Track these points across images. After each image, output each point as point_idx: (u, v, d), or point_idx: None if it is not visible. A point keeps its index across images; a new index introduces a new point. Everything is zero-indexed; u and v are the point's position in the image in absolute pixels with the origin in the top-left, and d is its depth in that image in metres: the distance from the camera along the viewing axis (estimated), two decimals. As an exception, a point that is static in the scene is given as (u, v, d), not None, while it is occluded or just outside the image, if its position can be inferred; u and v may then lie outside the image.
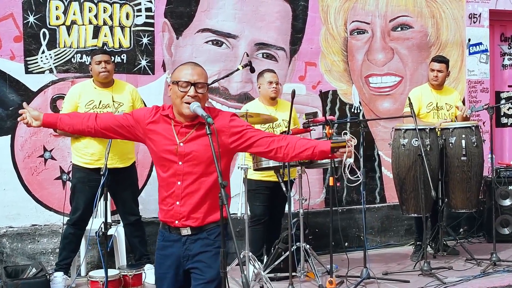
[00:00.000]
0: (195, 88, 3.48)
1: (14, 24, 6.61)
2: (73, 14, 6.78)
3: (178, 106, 3.52)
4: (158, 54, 7.08)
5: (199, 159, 3.49)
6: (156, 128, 3.58)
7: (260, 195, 6.41)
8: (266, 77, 6.45)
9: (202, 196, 3.50)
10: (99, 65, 5.97)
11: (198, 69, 3.57)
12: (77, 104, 5.94)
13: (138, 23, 7.00)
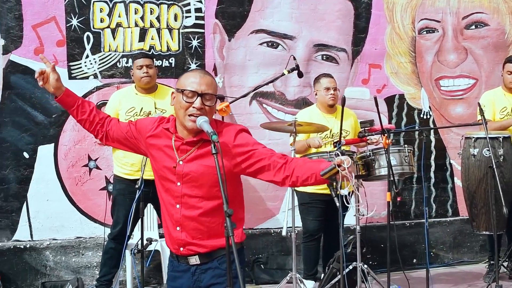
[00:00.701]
0: (201, 99, 3.05)
1: (56, 28, 6.34)
2: (118, 16, 6.44)
3: (180, 118, 3.10)
4: (208, 57, 6.66)
5: (199, 180, 3.08)
6: (157, 143, 3.20)
7: (313, 209, 5.92)
8: (323, 82, 5.93)
9: (204, 221, 3.09)
10: (140, 70, 5.58)
11: (207, 78, 3.12)
12: (117, 111, 5.56)
13: (187, 25, 6.60)
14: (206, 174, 3.05)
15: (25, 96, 6.32)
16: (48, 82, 3.28)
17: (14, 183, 6.32)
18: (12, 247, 6.31)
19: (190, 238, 3.10)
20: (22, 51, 6.30)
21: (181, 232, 3.12)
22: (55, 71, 3.29)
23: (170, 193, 3.15)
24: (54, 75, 3.27)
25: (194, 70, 3.24)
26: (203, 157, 3.08)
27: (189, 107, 3.05)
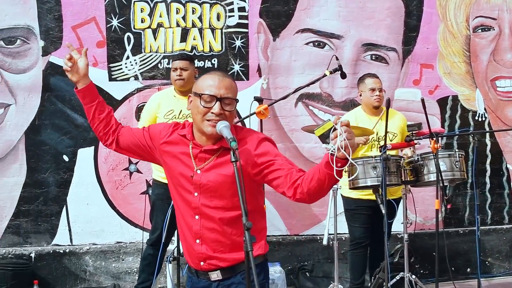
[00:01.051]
0: (221, 104, 2.83)
1: (96, 29, 6.21)
2: (160, 16, 6.27)
3: (198, 123, 2.89)
4: (252, 57, 6.43)
5: (218, 191, 2.86)
6: (172, 150, 2.99)
7: (359, 216, 5.63)
8: (368, 83, 5.63)
9: (225, 233, 2.88)
10: (175, 72, 5.36)
11: (227, 81, 2.88)
12: (155, 114, 5.35)
13: (230, 24, 6.38)
14: (226, 184, 2.83)
15: (65, 98, 6.21)
16: (75, 69, 3.09)
17: (53, 186, 6.22)
18: (51, 251, 6.20)
19: (211, 251, 2.88)
20: (61, 52, 6.17)
21: (201, 245, 2.90)
22: (86, 56, 3.12)
23: (187, 203, 2.94)
24: (85, 59, 3.11)
25: (213, 72, 2.98)
26: (222, 166, 2.85)
27: (207, 112, 2.84)
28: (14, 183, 6.20)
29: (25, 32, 6.19)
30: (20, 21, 6.17)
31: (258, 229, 2.87)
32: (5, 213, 6.20)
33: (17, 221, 6.22)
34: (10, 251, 6.15)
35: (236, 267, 2.88)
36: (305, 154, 6.53)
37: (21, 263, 6.05)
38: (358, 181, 5.14)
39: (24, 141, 6.20)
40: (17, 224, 6.22)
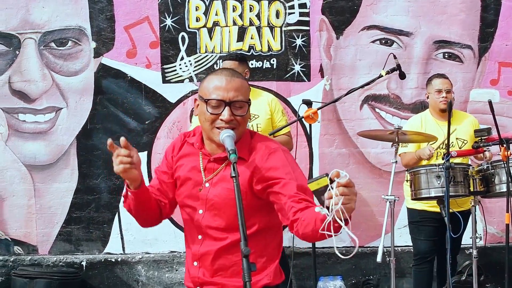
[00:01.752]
0: (230, 108, 2.52)
1: (150, 29, 6.03)
2: (215, 14, 6.02)
3: (207, 131, 2.60)
4: (314, 57, 6.09)
5: (221, 208, 2.56)
6: (184, 162, 2.69)
7: (424, 228, 5.25)
8: (434, 84, 5.24)
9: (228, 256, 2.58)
10: None
11: (236, 82, 2.57)
12: None
13: (290, 22, 6.05)
14: (229, 200, 2.50)
15: (117, 102, 6.05)
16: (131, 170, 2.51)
17: (105, 193, 6.07)
18: (103, 260, 6.08)
19: (208, 276, 2.60)
20: (113, 53, 6.05)
21: (199, 269, 2.61)
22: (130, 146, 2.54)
23: (192, 222, 2.65)
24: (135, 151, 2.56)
25: (219, 72, 2.64)
26: (228, 179, 2.50)
27: (215, 119, 2.54)
28: (66, 189, 6.11)
29: (76, 33, 6.07)
30: (71, 22, 6.06)
31: (269, 252, 2.59)
32: (56, 219, 6.12)
33: (68, 228, 6.13)
34: (61, 259, 6.07)
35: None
36: (371, 160, 6.15)
37: (70, 272, 5.96)
38: (421, 191, 4.78)
39: (76, 145, 6.09)
40: (69, 231, 6.12)
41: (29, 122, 6.12)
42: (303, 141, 6.03)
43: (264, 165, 2.53)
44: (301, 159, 6.00)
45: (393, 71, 4.88)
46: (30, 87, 6.11)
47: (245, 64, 5.14)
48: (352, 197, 2.17)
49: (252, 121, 5.01)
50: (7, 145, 6.13)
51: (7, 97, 6.12)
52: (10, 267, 6.07)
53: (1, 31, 6.11)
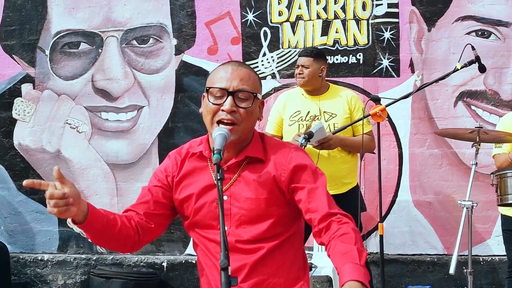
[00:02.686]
0: (233, 98, 2.32)
1: (231, 24, 5.96)
2: (299, 8, 5.87)
3: (208, 127, 2.40)
4: (404, 51, 5.81)
5: (250, 220, 2.38)
6: (192, 181, 2.45)
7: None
8: None
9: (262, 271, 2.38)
10: (297, 69, 4.95)
11: (242, 71, 2.38)
12: (281, 116, 4.97)
13: (378, 14, 5.81)
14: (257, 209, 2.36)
15: (198, 99, 5.92)
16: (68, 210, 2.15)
17: None
18: (183, 261, 6.09)
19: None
20: (195, 50, 6.03)
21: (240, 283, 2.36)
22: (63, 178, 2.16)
23: (213, 241, 2.41)
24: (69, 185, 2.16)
25: (227, 62, 2.48)
26: (251, 184, 2.37)
27: (217, 111, 2.34)
28: (147, 189, 6.11)
29: (157, 31, 6.09)
30: (152, 19, 6.10)
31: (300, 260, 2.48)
32: (138, 220, 6.14)
33: (149, 228, 6.13)
34: (142, 259, 6.12)
35: None
36: (466, 162, 5.79)
37: (147, 273, 6.01)
38: (507, 196, 4.42)
39: (157, 144, 6.10)
40: (150, 232, 6.13)
41: (111, 121, 6.20)
42: (391, 141, 5.81)
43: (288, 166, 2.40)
44: (390, 160, 5.78)
45: (470, 64, 4.59)
46: (112, 85, 6.18)
47: (321, 60, 4.93)
48: None
49: (328, 121, 4.81)
50: (90, 143, 6.23)
51: (90, 95, 6.22)
52: (92, 265, 6.17)
53: (84, 30, 6.22)
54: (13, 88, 6.40)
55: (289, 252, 2.44)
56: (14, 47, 6.38)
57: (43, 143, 6.36)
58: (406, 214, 5.80)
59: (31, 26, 6.32)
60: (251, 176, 2.40)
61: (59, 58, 6.29)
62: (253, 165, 2.40)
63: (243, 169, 2.42)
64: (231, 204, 2.39)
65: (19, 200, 6.43)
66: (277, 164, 2.40)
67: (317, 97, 4.91)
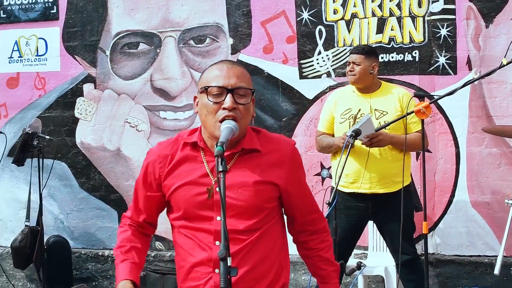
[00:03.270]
0: (233, 96, 2.39)
1: (286, 23, 6.02)
2: (354, 6, 5.89)
3: (209, 126, 2.45)
4: (461, 48, 5.76)
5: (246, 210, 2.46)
6: (182, 171, 2.52)
7: None
8: None
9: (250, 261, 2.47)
10: (348, 66, 4.99)
11: (237, 69, 2.46)
12: (332, 114, 5.01)
13: (434, 11, 5.77)
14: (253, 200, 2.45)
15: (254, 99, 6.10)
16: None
17: None
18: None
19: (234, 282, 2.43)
20: (250, 49, 6.12)
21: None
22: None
23: (202, 232, 2.49)
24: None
25: (219, 62, 2.53)
26: (244, 175, 2.46)
27: (218, 109, 2.40)
28: (206, 188, 6.25)
29: (214, 30, 6.22)
30: (209, 19, 6.22)
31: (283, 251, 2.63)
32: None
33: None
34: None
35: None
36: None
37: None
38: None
39: (214, 143, 6.21)
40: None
41: (169, 120, 6.36)
42: (448, 140, 5.77)
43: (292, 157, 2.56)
44: (447, 159, 5.75)
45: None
46: (170, 84, 6.35)
47: (372, 58, 4.95)
48: None
49: (379, 118, 4.83)
50: (149, 142, 6.41)
51: (148, 95, 6.40)
52: (150, 261, 6.32)
53: (143, 30, 6.40)
54: (75, 88, 6.64)
55: (274, 240, 2.54)
56: (76, 48, 6.63)
57: (104, 141, 6.58)
58: (464, 214, 5.75)
59: (92, 27, 6.56)
60: (245, 167, 2.47)
61: (119, 58, 6.50)
62: (247, 156, 2.48)
63: (237, 160, 2.49)
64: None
65: (81, 197, 6.68)
66: (274, 157, 2.51)
67: (368, 95, 4.94)
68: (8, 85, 6.82)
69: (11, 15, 6.78)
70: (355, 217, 4.90)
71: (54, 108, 6.70)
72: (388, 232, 4.97)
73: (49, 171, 6.14)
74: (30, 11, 6.71)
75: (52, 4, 6.64)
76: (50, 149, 6.45)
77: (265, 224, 2.50)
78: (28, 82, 6.77)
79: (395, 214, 4.78)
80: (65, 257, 6.47)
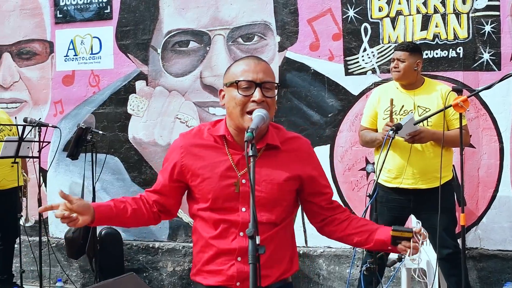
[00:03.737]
0: (261, 90, 2.56)
1: (332, 21, 6.20)
2: (398, 3, 6.03)
3: (236, 118, 2.60)
4: (505, 44, 5.84)
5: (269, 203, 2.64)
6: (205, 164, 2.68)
7: None
8: None
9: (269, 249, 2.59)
10: (393, 63, 5.13)
11: (263, 64, 2.63)
12: (375, 110, 5.17)
13: (478, 8, 5.88)
14: (277, 194, 2.64)
15: (301, 95, 6.30)
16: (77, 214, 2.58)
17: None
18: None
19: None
20: (297, 47, 6.31)
21: (244, 264, 2.61)
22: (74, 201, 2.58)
23: (229, 222, 2.65)
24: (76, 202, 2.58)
25: (244, 58, 2.69)
26: (269, 170, 2.64)
27: (247, 102, 2.56)
28: (251, 181, 6.45)
29: (262, 28, 6.44)
30: (257, 17, 6.44)
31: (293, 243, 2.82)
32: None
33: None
34: (246, 248, 6.43)
35: (272, 285, 2.68)
36: None
37: (250, 261, 6.26)
38: None
39: (261, 138, 6.41)
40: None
41: (218, 116, 6.56)
42: (492, 136, 5.86)
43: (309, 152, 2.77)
44: (491, 154, 5.84)
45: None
46: (219, 81, 6.56)
47: (417, 55, 5.08)
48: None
49: (422, 115, 4.93)
50: (199, 138, 6.64)
51: (198, 91, 6.65)
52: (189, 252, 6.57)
53: (193, 29, 6.65)
54: (128, 85, 6.93)
55: (290, 232, 2.77)
56: (129, 47, 6.92)
57: (155, 136, 6.85)
58: (507, 209, 5.83)
59: (144, 26, 6.84)
60: (269, 162, 2.65)
61: (170, 56, 6.77)
62: (270, 152, 2.66)
63: (262, 155, 2.64)
64: (249, 187, 2.56)
65: (133, 191, 6.93)
66: (294, 154, 2.70)
67: (412, 91, 5.08)
68: (64, 82, 7.16)
69: (66, 15, 7.12)
70: (397, 210, 5.05)
71: (108, 105, 7.01)
72: (430, 226, 5.07)
73: (102, 165, 6.43)
74: (85, 11, 7.04)
75: (106, 4, 6.96)
76: (104, 144, 6.76)
77: (284, 217, 2.70)
78: (83, 79, 7.09)
79: (436, 208, 4.81)
80: (117, 249, 6.74)
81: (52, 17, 7.18)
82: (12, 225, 6.46)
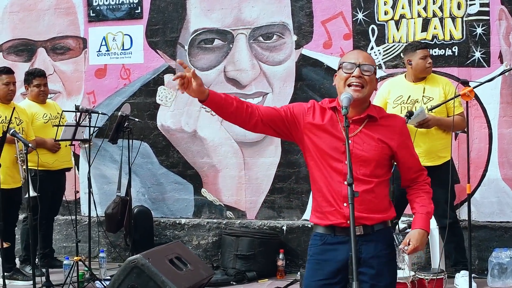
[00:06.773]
0: (360, 69, 3.41)
1: (343, 22, 7.34)
2: (402, 8, 7.19)
3: (341, 91, 3.45)
4: (494, 44, 7.01)
5: (367, 160, 3.44)
6: (319, 123, 3.49)
7: None
8: None
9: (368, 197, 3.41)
10: (425, 59, 6.22)
11: (365, 54, 3.56)
12: (386, 100, 6.32)
13: (471, 13, 7.03)
14: (373, 153, 3.44)
15: (315, 87, 7.45)
16: (190, 87, 3.34)
17: (304, 167, 7.23)
18: (301, 225, 7.46)
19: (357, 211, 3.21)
20: (312, 45, 7.45)
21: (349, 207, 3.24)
22: (196, 77, 3.34)
23: (336, 170, 3.42)
24: (196, 80, 3.33)
25: (352, 50, 3.61)
26: (370, 136, 3.44)
27: (348, 77, 3.40)
28: (270, 163, 7.63)
29: (280, 28, 7.57)
30: (276, 18, 7.58)
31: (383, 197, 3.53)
32: (262, 189, 7.66)
33: (272, 197, 7.64)
34: (265, 223, 7.57)
35: (375, 226, 3.44)
36: (550, 140, 6.95)
37: (270, 234, 7.42)
38: None
39: (279, 126, 7.51)
40: (272, 199, 7.63)
41: (239, 107, 7.66)
42: (482, 123, 6.99)
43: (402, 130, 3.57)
44: (481, 139, 7.00)
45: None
46: (241, 75, 7.69)
47: None
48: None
49: (426, 103, 6.14)
50: (222, 125, 7.75)
51: (222, 84, 7.74)
52: (222, 228, 7.66)
53: (218, 28, 7.78)
54: (157, 78, 8.02)
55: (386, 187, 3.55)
56: (158, 43, 8.01)
57: (182, 124, 7.94)
58: (495, 186, 6.98)
59: (173, 25, 7.94)
60: (370, 130, 3.47)
61: (196, 52, 7.87)
62: (372, 123, 3.47)
63: (366, 125, 3.47)
64: (353, 147, 3.38)
65: (161, 173, 8.05)
66: (391, 127, 3.52)
67: (420, 83, 6.28)
68: (97, 75, 8.24)
69: (99, 14, 8.21)
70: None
71: (138, 96, 8.09)
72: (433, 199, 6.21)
73: (137, 150, 7.56)
74: (117, 11, 8.13)
75: (137, 4, 8.05)
76: (135, 131, 7.81)
77: (380, 174, 3.47)
78: (114, 72, 8.18)
79: (439, 183, 5.80)
80: (148, 225, 7.81)
81: (86, 15, 8.26)
82: (57, 205, 7.55)
